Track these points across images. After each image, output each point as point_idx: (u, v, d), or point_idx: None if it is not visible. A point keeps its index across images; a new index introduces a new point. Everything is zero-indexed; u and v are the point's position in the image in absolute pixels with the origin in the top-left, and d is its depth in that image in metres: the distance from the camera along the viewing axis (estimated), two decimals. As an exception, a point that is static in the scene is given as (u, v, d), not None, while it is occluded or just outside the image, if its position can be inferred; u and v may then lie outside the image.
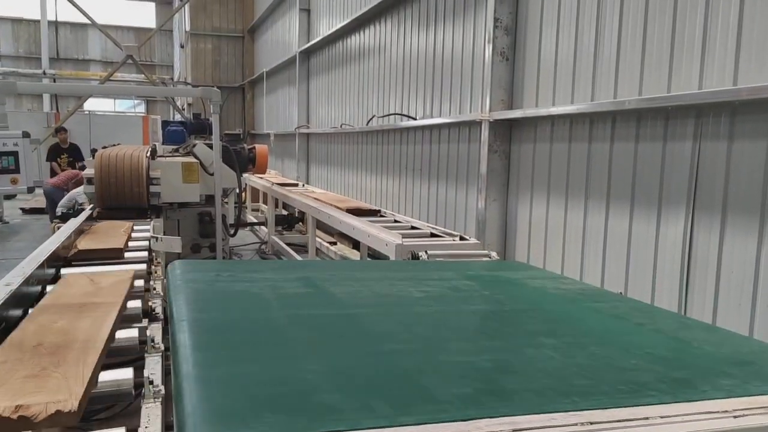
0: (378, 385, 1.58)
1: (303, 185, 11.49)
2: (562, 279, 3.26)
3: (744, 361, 1.87)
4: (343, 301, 2.49)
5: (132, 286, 2.67)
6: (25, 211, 14.05)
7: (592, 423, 1.38)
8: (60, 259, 3.25)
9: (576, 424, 1.37)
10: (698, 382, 1.65)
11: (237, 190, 7.76)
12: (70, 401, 1.44)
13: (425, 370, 1.69)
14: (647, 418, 1.41)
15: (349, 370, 1.69)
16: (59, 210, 10.07)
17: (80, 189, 10.26)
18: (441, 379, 1.62)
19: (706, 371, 1.76)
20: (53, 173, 12.91)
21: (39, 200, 14.32)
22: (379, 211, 7.26)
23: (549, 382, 1.62)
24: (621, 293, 4.00)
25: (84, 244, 3.66)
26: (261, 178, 11.29)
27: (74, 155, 13.43)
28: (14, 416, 1.36)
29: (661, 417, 1.42)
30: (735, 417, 1.44)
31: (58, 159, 13.38)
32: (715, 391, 1.57)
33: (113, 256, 3.49)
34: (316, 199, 8.19)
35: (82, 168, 11.74)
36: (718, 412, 1.46)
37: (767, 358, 1.93)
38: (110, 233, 4.07)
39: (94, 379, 1.69)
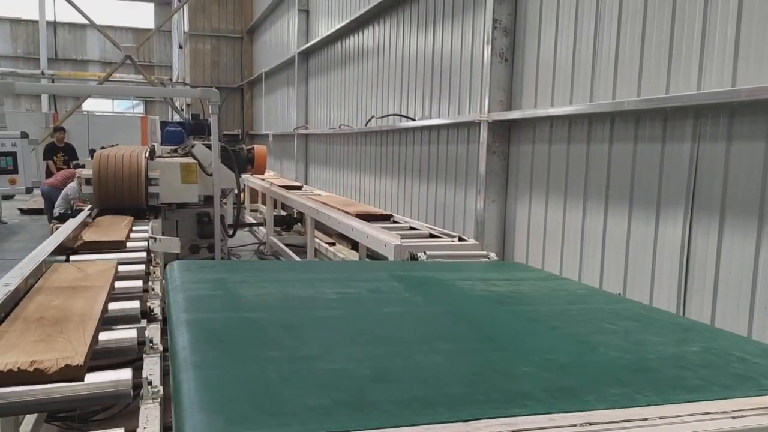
0: (375, 386, 1.58)
1: (304, 187, 11.26)
2: (555, 279, 3.25)
3: (644, 368, 1.78)
4: (341, 301, 2.49)
5: (117, 272, 2.86)
6: (23, 211, 14.03)
7: (591, 424, 1.38)
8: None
9: (575, 425, 1.37)
10: (583, 391, 1.58)
11: (236, 191, 7.75)
12: (77, 357, 1.71)
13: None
14: (646, 419, 1.41)
15: (346, 370, 1.69)
16: (56, 211, 10.07)
17: (73, 184, 10.28)
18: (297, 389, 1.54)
19: (597, 379, 1.68)
20: (48, 173, 12.91)
21: (37, 201, 14.29)
22: (391, 216, 6.64)
23: (423, 391, 1.54)
24: (619, 294, 4.01)
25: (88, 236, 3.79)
26: (263, 179, 11.14)
27: (69, 154, 13.44)
28: (30, 369, 1.64)
29: (660, 418, 1.42)
30: (733, 418, 1.44)
31: (54, 158, 13.39)
32: (597, 402, 1.50)
33: (116, 247, 3.63)
34: (322, 203, 7.77)
35: (77, 167, 11.82)
36: (716, 413, 1.46)
37: (672, 364, 1.84)
38: (112, 227, 4.14)
39: (94, 342, 1.92)
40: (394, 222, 6.40)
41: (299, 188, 10.57)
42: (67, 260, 3.24)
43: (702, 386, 1.64)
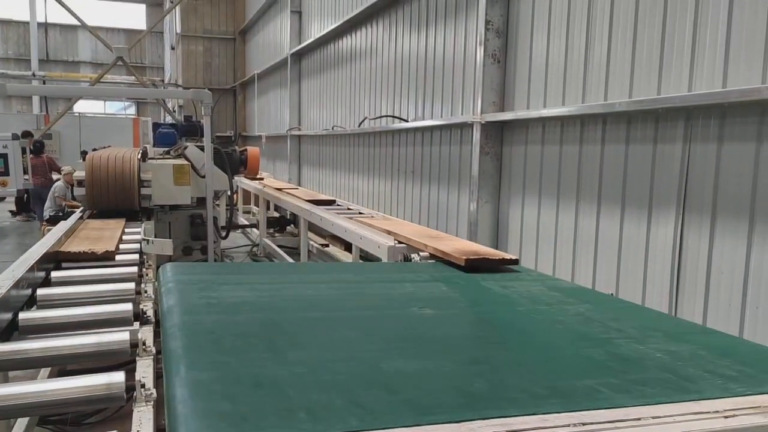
0: (369, 387, 1.58)
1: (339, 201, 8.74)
2: (549, 280, 3.26)
3: (636, 368, 1.78)
4: (334, 303, 2.49)
5: (124, 226, 4.76)
6: (14, 213, 13.96)
7: (584, 424, 1.39)
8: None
9: (569, 425, 1.38)
10: (576, 391, 1.60)
11: (228, 193, 7.74)
12: (112, 247, 3.63)
13: None
14: (639, 419, 1.42)
15: (339, 372, 1.69)
16: (47, 213, 10.02)
17: (60, 183, 10.24)
18: (290, 391, 1.55)
19: (590, 379, 1.69)
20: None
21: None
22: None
23: (417, 392, 1.55)
24: (612, 294, 4.03)
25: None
26: (262, 185, 10.79)
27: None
28: (89, 250, 3.51)
29: (653, 417, 1.43)
30: (726, 417, 1.45)
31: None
32: (591, 402, 1.52)
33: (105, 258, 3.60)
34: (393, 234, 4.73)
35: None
36: (709, 412, 1.47)
37: (664, 364, 1.83)
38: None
39: (119, 245, 3.85)
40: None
41: (331, 203, 8.04)
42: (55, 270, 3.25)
43: (694, 386, 1.65)
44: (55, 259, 3.37)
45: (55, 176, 11.80)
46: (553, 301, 2.62)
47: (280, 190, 9.56)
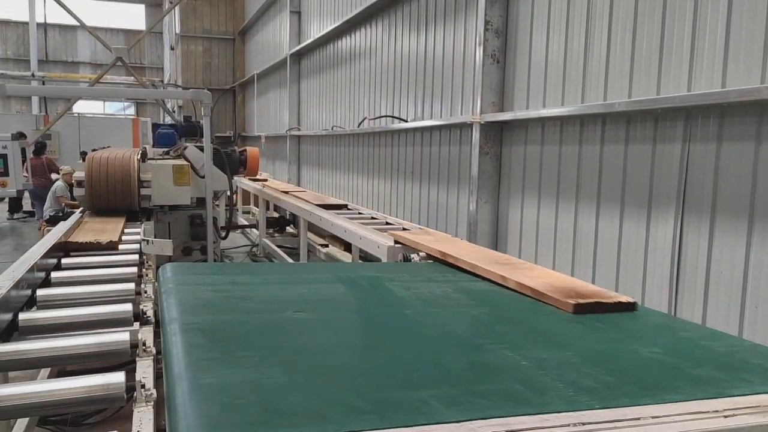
0: (367, 387, 1.58)
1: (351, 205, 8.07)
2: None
3: (637, 368, 1.75)
4: (335, 303, 2.49)
5: (124, 225, 4.95)
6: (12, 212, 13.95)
7: (583, 423, 1.39)
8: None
9: (568, 425, 1.38)
10: (576, 391, 1.58)
11: (228, 193, 7.74)
12: (115, 238, 4.05)
13: None
14: (638, 419, 1.42)
15: (341, 372, 1.69)
16: (46, 213, 10.03)
17: (60, 183, 10.26)
18: (291, 391, 1.55)
19: (590, 379, 1.68)
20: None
21: (27, 203, 14.21)
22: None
23: (416, 391, 1.54)
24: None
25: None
26: (262, 185, 10.81)
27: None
28: (94, 240, 3.93)
29: (653, 417, 1.43)
30: (725, 417, 1.45)
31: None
32: (590, 402, 1.50)
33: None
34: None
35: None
36: (708, 412, 1.47)
37: (664, 363, 1.79)
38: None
39: (121, 237, 4.20)
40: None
41: (343, 207, 7.61)
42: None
43: (693, 386, 1.65)
44: (63, 248, 3.71)
45: (53, 177, 11.86)
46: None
47: (286, 192, 9.27)
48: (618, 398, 1.53)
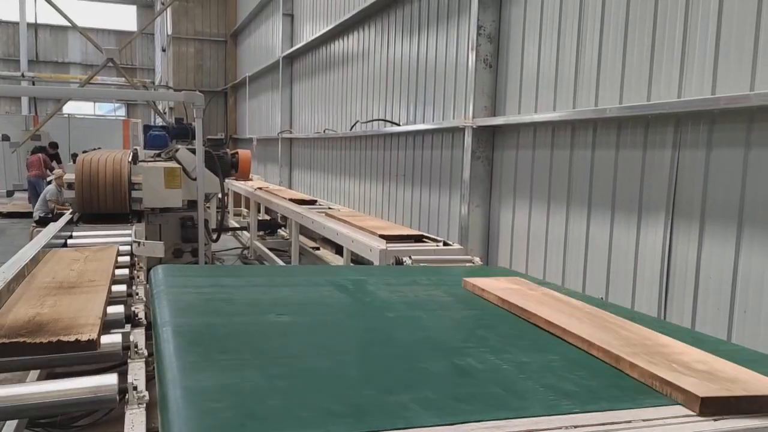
0: (360, 390, 1.58)
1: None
2: (544, 284, 3.28)
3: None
4: (329, 305, 2.49)
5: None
6: (2, 215, 13.86)
7: (576, 427, 1.40)
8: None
9: (560, 428, 1.39)
10: (566, 394, 1.60)
11: (219, 195, 7.72)
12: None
13: None
14: (630, 422, 1.43)
15: (333, 374, 1.69)
16: (36, 214, 9.98)
17: (51, 186, 10.23)
18: (282, 394, 1.56)
19: (582, 383, 1.70)
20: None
21: (18, 204, 14.12)
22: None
23: (411, 394, 1.54)
24: (602, 298, 4.05)
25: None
26: (260, 189, 10.76)
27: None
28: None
29: (644, 420, 1.44)
30: (715, 420, 1.47)
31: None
32: (582, 405, 1.51)
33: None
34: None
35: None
36: (698, 414, 1.49)
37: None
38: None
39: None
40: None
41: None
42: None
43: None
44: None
45: (47, 173, 11.98)
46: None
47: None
48: (598, 402, 1.55)
